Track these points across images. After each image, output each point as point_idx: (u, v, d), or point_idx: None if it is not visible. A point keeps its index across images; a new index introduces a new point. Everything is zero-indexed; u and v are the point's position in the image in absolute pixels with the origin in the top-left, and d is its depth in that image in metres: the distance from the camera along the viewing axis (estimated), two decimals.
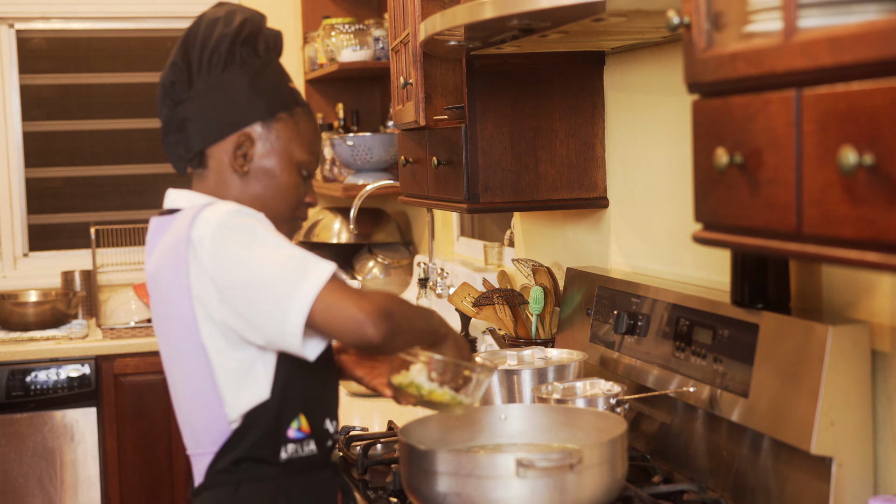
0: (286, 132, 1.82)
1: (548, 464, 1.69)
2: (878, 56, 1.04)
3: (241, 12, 1.83)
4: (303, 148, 1.83)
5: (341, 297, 1.61)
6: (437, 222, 4.37)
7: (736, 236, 1.34)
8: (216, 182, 1.82)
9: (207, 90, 1.79)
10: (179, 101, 1.81)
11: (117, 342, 4.18)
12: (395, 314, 1.64)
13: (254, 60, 1.82)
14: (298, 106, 1.85)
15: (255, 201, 1.81)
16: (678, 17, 1.40)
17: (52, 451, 4.10)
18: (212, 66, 1.79)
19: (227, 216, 1.67)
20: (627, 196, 2.58)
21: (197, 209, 1.72)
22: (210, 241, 1.66)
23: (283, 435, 1.74)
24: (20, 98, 4.84)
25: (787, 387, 1.78)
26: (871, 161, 1.05)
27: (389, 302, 1.65)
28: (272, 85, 1.82)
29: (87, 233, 4.81)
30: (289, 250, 1.65)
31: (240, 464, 1.74)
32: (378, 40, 4.35)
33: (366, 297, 1.63)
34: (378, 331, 1.61)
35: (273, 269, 1.63)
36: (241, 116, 1.80)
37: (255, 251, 1.65)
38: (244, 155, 1.80)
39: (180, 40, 1.83)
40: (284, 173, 1.82)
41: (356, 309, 1.60)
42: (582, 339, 2.56)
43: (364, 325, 1.60)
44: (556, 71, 2.62)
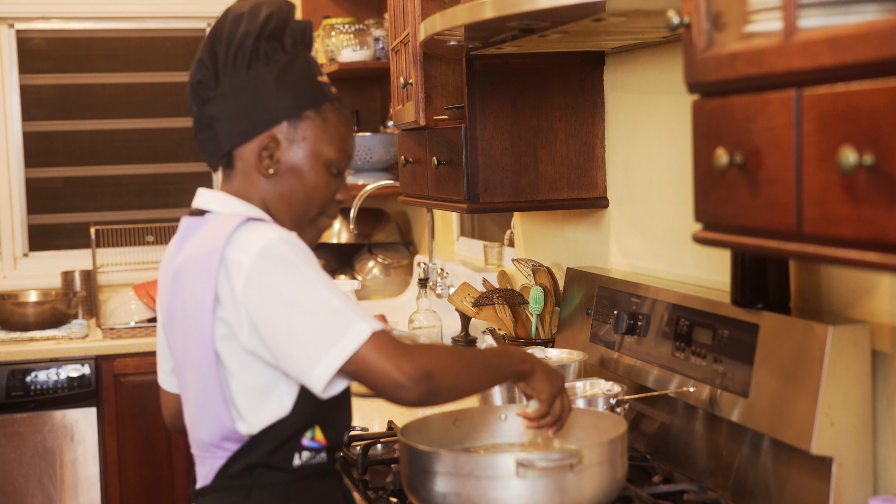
0: (313, 131, 1.77)
1: (548, 464, 1.69)
2: (878, 56, 1.04)
3: (268, 5, 1.75)
4: (331, 146, 1.78)
5: (381, 356, 1.59)
6: (437, 222, 4.37)
7: (736, 236, 1.34)
8: (243, 182, 1.78)
9: (233, 89, 1.75)
10: (207, 99, 1.77)
11: (117, 342, 4.18)
12: (437, 376, 1.61)
13: (280, 56, 1.76)
14: (327, 101, 1.79)
15: (282, 201, 1.78)
16: (678, 17, 1.40)
17: (52, 451, 4.10)
18: (237, 65, 1.74)
19: (271, 245, 1.63)
20: (627, 196, 2.58)
21: (234, 224, 1.68)
22: (248, 270, 1.63)
23: (298, 443, 1.73)
24: (20, 98, 4.84)
25: (786, 387, 1.78)
26: (871, 161, 1.05)
27: (432, 362, 1.61)
28: (299, 81, 1.76)
29: (87, 233, 4.81)
30: (332, 300, 1.61)
31: (253, 469, 1.73)
32: (378, 40, 4.35)
33: (407, 356, 1.59)
34: (414, 394, 1.60)
35: (313, 321, 1.60)
36: (266, 117, 1.75)
37: (298, 294, 1.61)
38: (270, 156, 1.76)
39: (207, 37, 1.78)
40: (312, 173, 1.77)
41: (395, 370, 1.58)
42: (582, 339, 2.56)
43: (400, 388, 1.59)
44: (556, 71, 2.62)
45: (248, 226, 1.67)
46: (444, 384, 1.62)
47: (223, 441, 1.73)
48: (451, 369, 1.64)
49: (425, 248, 4.61)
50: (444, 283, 3.79)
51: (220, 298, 1.66)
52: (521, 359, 1.78)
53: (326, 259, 4.80)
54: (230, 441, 1.73)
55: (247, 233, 1.66)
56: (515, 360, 1.77)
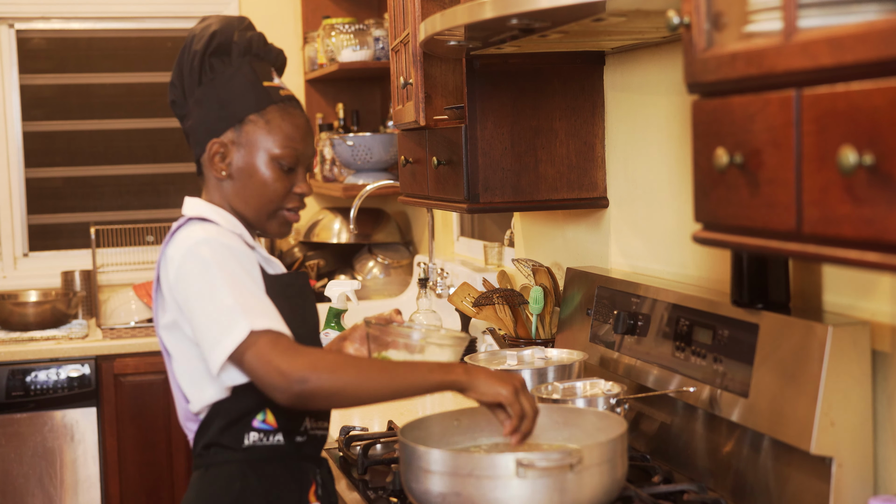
0: (255, 133, 1.91)
1: (548, 464, 1.69)
2: (878, 56, 1.04)
3: (215, 24, 1.93)
4: (276, 144, 1.91)
5: (260, 354, 1.72)
6: (437, 222, 4.37)
7: (736, 236, 1.34)
8: (211, 187, 1.96)
9: (193, 104, 1.93)
10: (181, 116, 1.97)
11: (117, 342, 4.18)
12: (311, 380, 1.69)
13: (225, 69, 1.92)
14: (272, 103, 1.93)
15: (239, 200, 1.93)
16: (678, 17, 1.40)
17: (52, 451, 4.10)
18: (192, 83, 1.93)
19: (196, 245, 1.81)
20: (627, 196, 2.58)
21: (177, 224, 1.89)
22: (177, 264, 1.82)
23: (248, 424, 1.87)
24: (20, 98, 4.84)
25: (787, 387, 1.78)
26: (871, 161, 1.05)
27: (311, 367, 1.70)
28: (240, 91, 1.92)
29: (87, 233, 4.81)
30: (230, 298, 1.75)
31: (209, 448, 1.88)
32: (378, 40, 4.35)
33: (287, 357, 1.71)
34: (285, 396, 1.71)
35: (210, 317, 1.76)
36: (213, 126, 1.92)
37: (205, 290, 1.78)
38: (222, 160, 1.92)
39: (177, 58, 1.96)
40: (261, 171, 1.92)
41: (271, 370, 1.71)
42: (582, 339, 2.56)
43: (273, 388, 1.72)
44: (556, 71, 2.62)
45: (187, 226, 1.87)
46: (319, 389, 1.70)
47: (187, 421, 1.92)
48: (333, 375, 1.71)
49: (425, 248, 4.61)
50: (444, 283, 3.79)
51: (162, 287, 1.86)
52: (450, 370, 1.75)
53: (326, 259, 4.80)
54: (191, 421, 1.91)
55: (183, 232, 1.85)
56: (442, 370, 1.76)
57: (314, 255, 4.81)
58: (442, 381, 1.75)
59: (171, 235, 1.87)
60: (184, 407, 1.91)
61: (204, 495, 1.88)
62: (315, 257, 4.80)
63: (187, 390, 1.88)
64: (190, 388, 1.88)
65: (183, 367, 1.88)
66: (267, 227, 1.96)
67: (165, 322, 1.87)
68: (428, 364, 1.79)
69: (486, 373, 1.76)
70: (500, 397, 1.74)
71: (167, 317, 1.87)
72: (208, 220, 1.90)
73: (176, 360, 1.89)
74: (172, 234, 1.87)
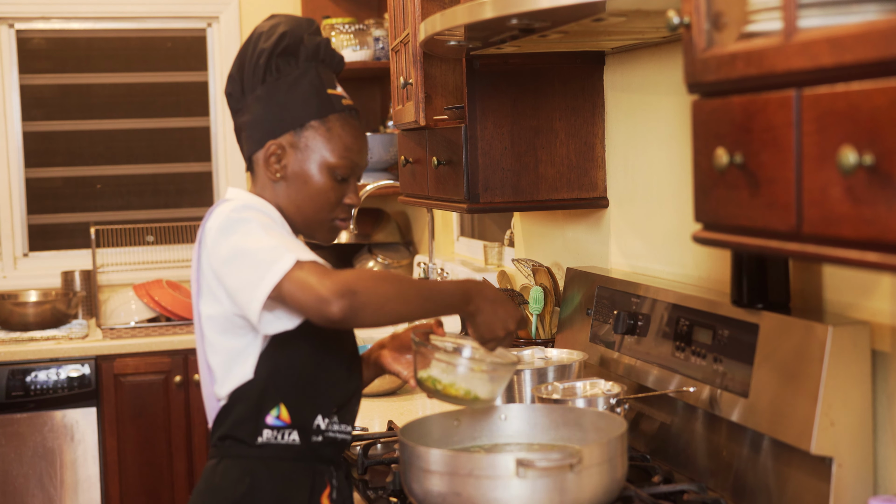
0: (317, 140, 1.92)
1: (548, 464, 1.69)
2: (878, 56, 1.04)
3: (285, 24, 1.94)
4: (334, 153, 1.93)
5: (309, 275, 1.72)
6: (437, 222, 4.37)
7: (736, 236, 1.34)
8: (261, 186, 1.96)
9: (254, 101, 1.93)
10: (236, 110, 1.97)
11: (117, 342, 4.18)
12: (360, 293, 1.70)
13: (292, 71, 1.93)
14: (334, 112, 1.94)
15: (291, 204, 1.94)
16: (678, 17, 1.40)
17: (52, 451, 4.10)
18: (255, 79, 1.92)
19: (232, 211, 1.83)
20: (627, 196, 2.58)
21: (218, 202, 1.90)
22: (215, 231, 1.83)
23: (263, 420, 1.87)
24: (20, 98, 4.84)
25: (787, 387, 1.78)
26: (871, 161, 1.05)
27: (356, 280, 1.71)
28: (305, 94, 1.93)
29: (87, 233, 4.81)
30: (274, 241, 1.76)
31: (224, 440, 1.89)
32: (378, 40, 4.35)
33: (331, 275, 1.71)
34: (336, 308, 1.69)
35: (252, 259, 1.76)
36: (273, 127, 1.92)
37: (244, 238, 1.79)
38: (277, 162, 1.92)
39: (238, 52, 1.97)
40: (316, 178, 1.93)
41: (319, 286, 1.70)
42: (582, 339, 2.56)
43: (323, 301, 1.70)
44: (556, 71, 2.62)
45: (224, 202, 1.89)
46: (367, 301, 1.71)
47: (211, 409, 1.92)
48: (376, 289, 1.73)
49: (425, 248, 4.61)
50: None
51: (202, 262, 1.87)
52: (465, 297, 1.83)
53: (326, 259, 4.80)
54: (213, 409, 1.92)
55: (221, 206, 1.87)
56: (458, 296, 1.83)
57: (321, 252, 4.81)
58: (459, 310, 1.83)
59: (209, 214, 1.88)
60: (209, 392, 1.92)
61: (213, 487, 1.89)
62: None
63: (217, 368, 1.88)
64: (219, 366, 1.88)
65: (214, 345, 1.88)
66: (313, 234, 1.98)
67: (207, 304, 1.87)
68: (455, 292, 1.82)
69: (490, 310, 1.84)
70: (485, 345, 1.88)
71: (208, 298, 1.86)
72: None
73: (208, 339, 1.89)
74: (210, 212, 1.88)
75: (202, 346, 1.92)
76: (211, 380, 1.91)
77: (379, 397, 2.97)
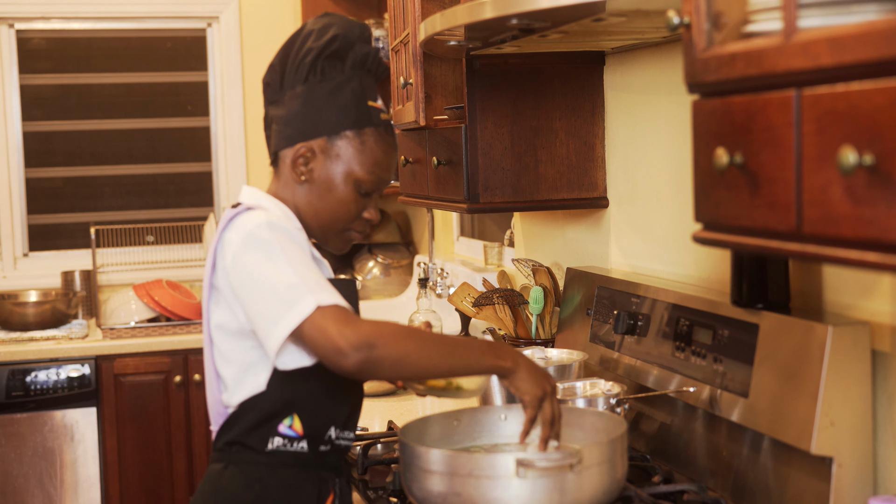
0: (348, 150, 1.89)
1: (548, 464, 1.69)
2: (879, 56, 1.04)
3: (337, 26, 1.90)
4: (363, 167, 1.90)
5: (329, 323, 1.68)
6: (437, 222, 4.37)
7: (736, 236, 1.34)
8: (283, 183, 1.93)
9: (291, 97, 1.89)
10: (271, 101, 1.93)
11: (117, 342, 4.18)
12: (378, 347, 1.67)
13: (336, 75, 1.89)
14: (371, 126, 1.90)
15: (310, 209, 1.92)
16: (678, 17, 1.40)
17: (52, 451, 4.10)
18: (297, 76, 1.89)
19: (256, 228, 1.78)
20: (627, 196, 2.58)
21: (236, 211, 1.85)
22: (236, 247, 1.79)
23: (274, 428, 1.85)
24: (20, 98, 4.84)
25: (787, 387, 1.78)
26: (871, 161, 1.05)
27: (377, 334, 1.68)
28: (346, 102, 1.89)
29: (87, 233, 4.81)
30: (295, 276, 1.72)
31: (233, 445, 1.87)
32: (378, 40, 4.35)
33: (352, 325, 1.68)
34: (352, 361, 1.67)
35: (273, 295, 1.73)
36: (308, 129, 1.89)
37: (267, 268, 1.75)
38: (304, 165, 1.89)
39: (284, 43, 1.93)
40: (340, 188, 1.90)
41: (337, 336, 1.67)
42: (582, 339, 2.56)
43: (340, 353, 1.68)
44: (556, 71, 2.62)
45: (246, 212, 1.84)
46: (384, 355, 1.69)
47: (216, 415, 1.89)
48: (396, 344, 1.70)
49: (425, 248, 4.61)
50: (444, 283, 3.79)
51: (218, 273, 1.83)
52: (501, 355, 1.79)
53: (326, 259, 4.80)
54: (219, 415, 1.89)
55: (243, 217, 1.82)
56: (494, 353, 1.79)
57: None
58: (492, 365, 1.78)
59: (228, 221, 1.83)
60: (216, 399, 1.89)
61: (221, 492, 1.87)
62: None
63: (228, 378, 1.85)
64: (231, 377, 1.85)
65: (226, 356, 1.85)
66: (326, 242, 1.96)
67: (219, 314, 1.84)
68: (482, 345, 1.80)
69: (528, 368, 1.80)
70: (525, 397, 1.79)
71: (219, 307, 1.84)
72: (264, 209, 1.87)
73: (219, 349, 1.86)
74: (230, 220, 1.83)
75: (211, 352, 1.88)
76: (219, 387, 1.88)
77: (379, 397, 2.97)
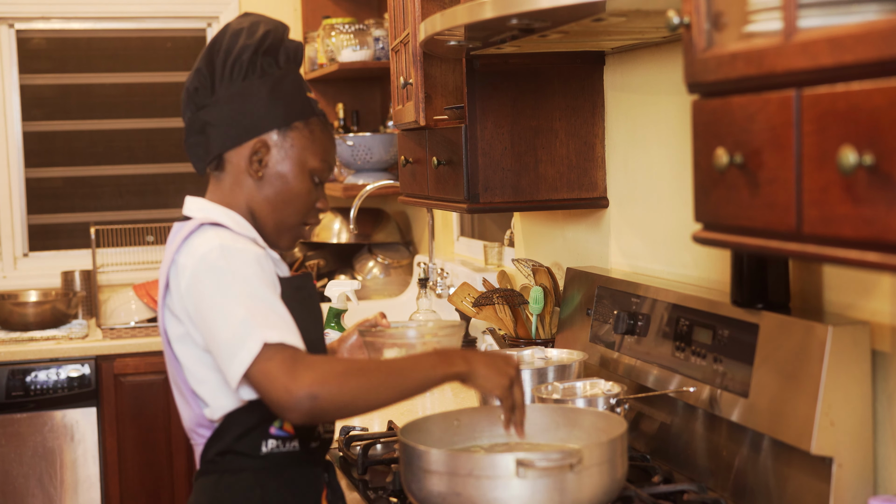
0: (301, 140, 1.89)
1: (548, 464, 1.69)
2: (879, 56, 1.04)
3: (265, 24, 1.90)
4: (316, 156, 1.91)
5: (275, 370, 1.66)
6: (437, 222, 4.37)
7: (736, 236, 1.34)
8: (231, 185, 1.90)
9: (228, 97, 1.87)
10: (202, 105, 1.89)
11: (117, 342, 4.18)
12: (321, 397, 1.65)
13: (274, 70, 1.89)
14: (314, 116, 1.92)
15: (267, 204, 1.90)
16: (678, 17, 1.40)
17: (52, 451, 4.10)
18: (234, 75, 1.87)
19: (208, 252, 1.76)
20: (627, 196, 2.58)
21: (188, 229, 1.81)
22: (190, 272, 1.76)
23: (266, 431, 1.84)
24: (20, 98, 4.84)
25: (787, 387, 1.78)
26: (870, 161, 1.06)
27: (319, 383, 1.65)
28: (290, 95, 1.89)
29: (87, 233, 4.81)
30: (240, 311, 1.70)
31: (225, 455, 1.85)
32: (378, 40, 4.35)
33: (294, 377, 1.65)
34: (297, 415, 1.67)
35: (225, 330, 1.71)
36: (258, 123, 1.87)
37: (217, 300, 1.73)
38: (259, 160, 1.88)
39: (205, 48, 1.91)
40: (297, 179, 1.89)
41: (281, 391, 1.65)
42: (582, 339, 2.56)
43: (284, 409, 1.66)
44: (556, 71, 2.62)
45: (199, 231, 1.81)
46: (328, 405, 1.67)
47: (198, 427, 1.87)
48: (341, 388, 1.67)
49: (425, 248, 4.61)
50: (444, 283, 3.79)
51: (173, 296, 1.80)
52: (452, 362, 1.75)
53: (326, 259, 4.80)
54: (203, 427, 1.86)
55: (196, 238, 1.79)
56: (445, 363, 1.75)
57: (314, 255, 4.82)
58: (446, 375, 1.75)
59: (182, 241, 1.80)
60: (196, 413, 1.85)
61: (220, 502, 1.85)
62: (315, 257, 4.80)
63: (206, 397, 1.82)
64: (208, 394, 1.82)
65: (198, 376, 1.82)
66: (280, 239, 1.92)
67: (177, 334, 1.82)
68: (429, 358, 1.76)
69: (484, 362, 1.77)
70: (496, 390, 1.78)
71: (178, 328, 1.81)
72: (220, 225, 1.84)
73: (189, 370, 1.83)
74: (184, 241, 1.80)
75: (178, 371, 1.84)
76: (196, 403, 1.84)
77: None
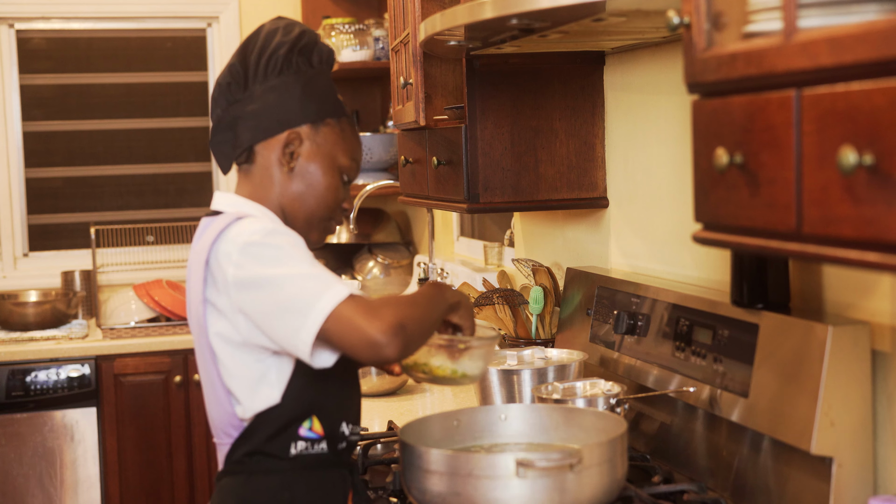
0: (332, 137, 1.92)
1: (548, 464, 1.69)
2: (878, 56, 1.04)
3: (300, 26, 1.94)
4: (346, 154, 1.93)
5: (355, 316, 1.67)
6: (437, 222, 4.37)
7: (736, 236, 1.34)
8: (261, 178, 1.91)
9: (262, 92, 1.89)
10: (234, 101, 1.91)
11: (117, 342, 4.18)
12: (407, 326, 1.68)
13: (307, 69, 1.92)
14: (344, 116, 1.96)
15: (296, 199, 1.91)
16: (678, 17, 1.40)
17: (52, 451, 4.10)
18: (268, 70, 1.89)
19: (254, 235, 1.75)
20: (627, 196, 2.58)
21: (226, 221, 1.80)
22: (236, 257, 1.75)
23: (295, 433, 1.82)
24: (20, 98, 4.84)
25: (787, 387, 1.78)
26: (871, 161, 1.06)
27: (400, 314, 1.69)
28: (323, 93, 1.93)
29: (87, 233, 4.81)
30: (309, 269, 1.72)
31: (253, 456, 1.83)
32: (378, 40, 4.35)
33: (378, 315, 1.67)
34: (393, 348, 1.66)
35: (292, 287, 1.70)
36: (292, 117, 1.89)
37: (277, 270, 1.72)
38: (292, 153, 1.90)
39: (240, 46, 1.94)
40: (327, 175, 1.91)
41: (370, 328, 1.66)
42: (582, 339, 2.56)
43: (378, 345, 1.66)
44: (556, 71, 2.62)
45: (237, 223, 1.80)
46: (414, 331, 1.70)
47: (228, 427, 1.84)
48: (413, 317, 1.72)
49: (425, 248, 4.61)
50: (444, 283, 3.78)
51: (217, 287, 1.78)
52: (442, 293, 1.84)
53: (326, 259, 4.80)
54: (233, 427, 1.84)
55: (234, 229, 1.79)
56: (447, 293, 1.85)
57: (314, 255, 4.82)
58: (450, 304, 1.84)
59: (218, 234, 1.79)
60: (227, 411, 1.83)
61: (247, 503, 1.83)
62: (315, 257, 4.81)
63: (240, 394, 1.81)
64: (242, 392, 1.81)
65: (234, 373, 1.80)
66: (310, 233, 1.94)
67: (217, 328, 1.80)
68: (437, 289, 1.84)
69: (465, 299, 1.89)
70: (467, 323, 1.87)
71: (220, 322, 1.79)
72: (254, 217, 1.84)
73: (225, 365, 1.81)
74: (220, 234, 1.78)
75: (214, 366, 1.82)
76: (229, 401, 1.83)
77: (379, 397, 2.97)
